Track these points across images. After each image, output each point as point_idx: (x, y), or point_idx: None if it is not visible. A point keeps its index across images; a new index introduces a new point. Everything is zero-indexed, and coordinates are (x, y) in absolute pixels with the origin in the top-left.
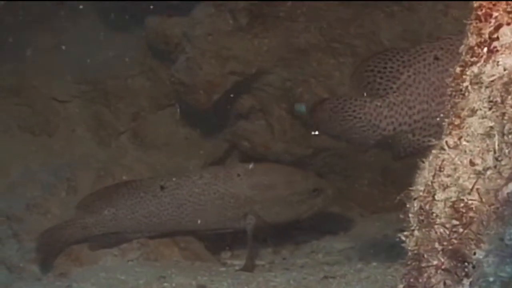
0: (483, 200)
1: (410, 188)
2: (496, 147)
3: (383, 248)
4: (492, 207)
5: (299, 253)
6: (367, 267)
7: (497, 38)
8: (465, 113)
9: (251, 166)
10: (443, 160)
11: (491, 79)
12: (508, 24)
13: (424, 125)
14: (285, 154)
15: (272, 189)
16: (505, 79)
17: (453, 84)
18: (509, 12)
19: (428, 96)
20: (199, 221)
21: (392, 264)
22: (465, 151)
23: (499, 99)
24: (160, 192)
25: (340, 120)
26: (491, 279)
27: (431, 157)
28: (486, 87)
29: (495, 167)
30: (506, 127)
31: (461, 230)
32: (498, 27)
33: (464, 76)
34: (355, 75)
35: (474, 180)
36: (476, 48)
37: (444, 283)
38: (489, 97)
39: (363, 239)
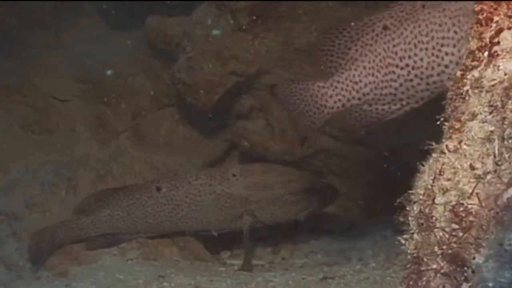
0: (483, 204)
1: (410, 192)
2: (496, 151)
3: (382, 249)
4: (492, 211)
5: (298, 253)
6: (366, 267)
7: (498, 43)
8: (465, 117)
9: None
10: (443, 164)
11: (492, 83)
12: (509, 28)
13: (376, 95)
14: (285, 154)
15: (268, 189)
16: (506, 83)
17: (453, 88)
18: (510, 17)
19: (374, 68)
20: (195, 222)
21: (391, 266)
22: (465, 155)
23: (499, 104)
24: (156, 193)
25: (291, 105)
26: (490, 284)
27: (431, 161)
28: (487, 91)
29: (495, 171)
30: (506, 132)
31: (460, 234)
32: (499, 32)
33: (464, 80)
34: (311, 58)
35: (474, 184)
36: (477, 52)
37: (443, 287)
38: (489, 101)
39: (362, 240)
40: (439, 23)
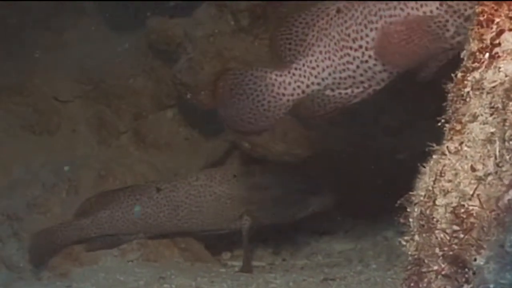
0: (484, 206)
1: (411, 193)
2: (497, 153)
3: (383, 250)
4: (493, 213)
5: (299, 255)
6: (367, 269)
7: (499, 44)
8: (466, 118)
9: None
10: (444, 165)
11: (493, 85)
12: (510, 30)
13: (335, 80)
14: (285, 155)
15: (268, 190)
16: (507, 85)
17: (454, 90)
18: (511, 18)
19: (330, 52)
20: (195, 223)
21: (392, 267)
22: (466, 157)
23: (500, 105)
24: (156, 194)
25: (240, 94)
26: (491, 286)
27: (432, 162)
28: (488, 93)
29: (496, 173)
30: (507, 133)
31: (461, 235)
32: (500, 33)
33: (465, 82)
34: (270, 48)
35: (475, 186)
36: (477, 53)
37: None
38: (490, 103)
39: (363, 241)
40: (385, 2)
